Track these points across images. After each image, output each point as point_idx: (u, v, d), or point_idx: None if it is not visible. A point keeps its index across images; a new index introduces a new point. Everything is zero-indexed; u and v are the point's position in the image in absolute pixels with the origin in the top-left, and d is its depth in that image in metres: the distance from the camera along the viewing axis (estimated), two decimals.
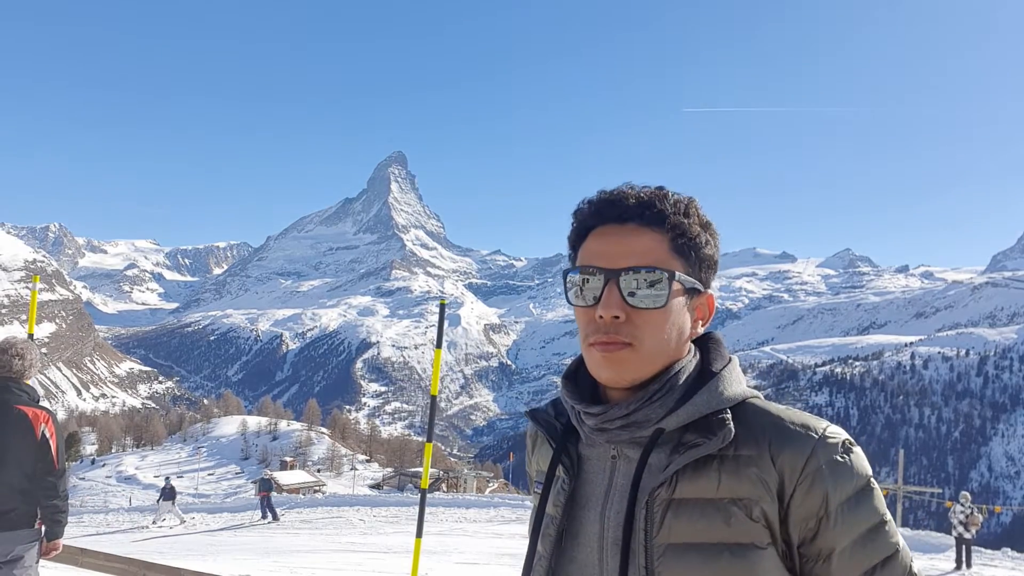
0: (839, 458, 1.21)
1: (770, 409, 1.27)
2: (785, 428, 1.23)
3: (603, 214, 1.28)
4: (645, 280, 1.23)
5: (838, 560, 1.21)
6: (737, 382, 1.30)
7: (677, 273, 1.26)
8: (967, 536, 16.10)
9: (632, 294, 1.23)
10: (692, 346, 1.34)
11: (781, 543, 1.21)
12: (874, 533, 1.21)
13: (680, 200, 1.29)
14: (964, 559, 16.03)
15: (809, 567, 1.22)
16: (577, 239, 1.33)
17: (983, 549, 18.53)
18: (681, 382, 1.28)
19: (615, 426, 1.27)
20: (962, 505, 16.52)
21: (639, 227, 1.26)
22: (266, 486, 24.81)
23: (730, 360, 1.33)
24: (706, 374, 1.30)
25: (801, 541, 1.21)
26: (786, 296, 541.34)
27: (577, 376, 1.38)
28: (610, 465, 1.31)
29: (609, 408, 1.27)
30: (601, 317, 1.23)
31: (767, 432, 1.23)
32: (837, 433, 1.24)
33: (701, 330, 1.34)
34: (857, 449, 1.25)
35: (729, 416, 1.24)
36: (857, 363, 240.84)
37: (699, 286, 1.30)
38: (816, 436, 1.22)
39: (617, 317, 1.22)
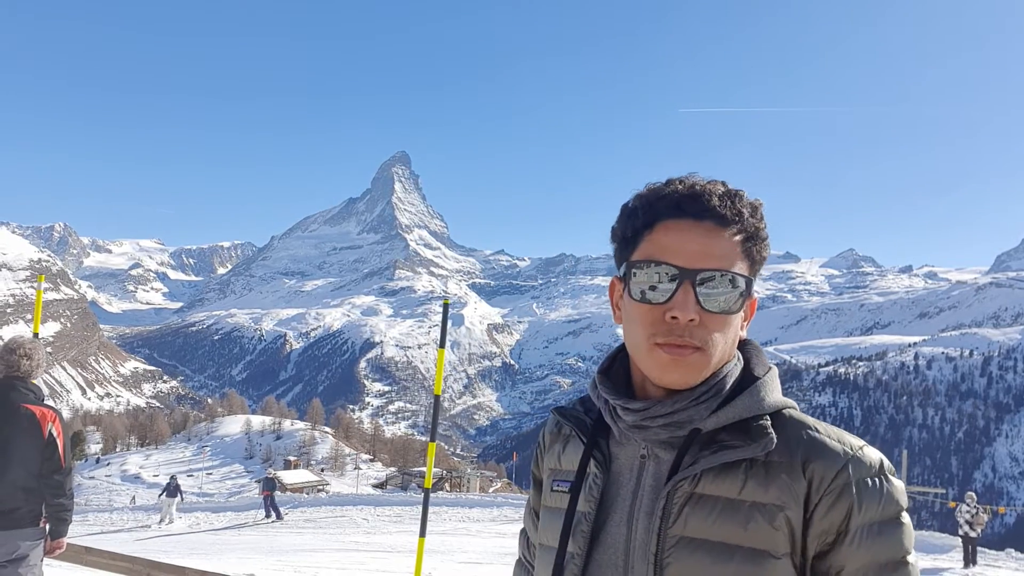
0: (871, 480, 1.19)
1: (807, 420, 1.25)
2: (820, 440, 1.21)
3: (682, 207, 1.22)
4: (723, 284, 1.20)
5: None
6: (777, 390, 1.29)
7: (753, 280, 1.25)
8: (972, 535, 16.38)
9: (709, 298, 1.20)
10: (736, 350, 1.33)
11: (799, 555, 1.19)
12: (890, 570, 1.17)
13: (752, 201, 1.26)
14: (970, 558, 16.28)
15: None
16: (642, 228, 1.26)
17: (987, 550, 18.47)
18: (728, 386, 1.26)
19: (656, 424, 1.24)
20: (968, 505, 16.81)
21: (716, 227, 1.22)
22: (269, 485, 24.90)
23: (770, 368, 1.32)
24: (747, 379, 1.28)
25: (816, 554, 1.19)
26: (789, 296, 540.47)
27: (609, 372, 1.37)
28: (639, 465, 1.28)
29: (652, 405, 1.25)
30: (675, 318, 1.19)
31: (801, 442, 1.21)
32: (874, 455, 1.22)
33: (744, 332, 1.32)
34: (895, 479, 1.21)
35: (769, 423, 1.22)
36: (861, 363, 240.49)
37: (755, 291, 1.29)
38: (851, 452, 1.20)
39: (693, 320, 1.19)
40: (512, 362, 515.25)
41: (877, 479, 1.19)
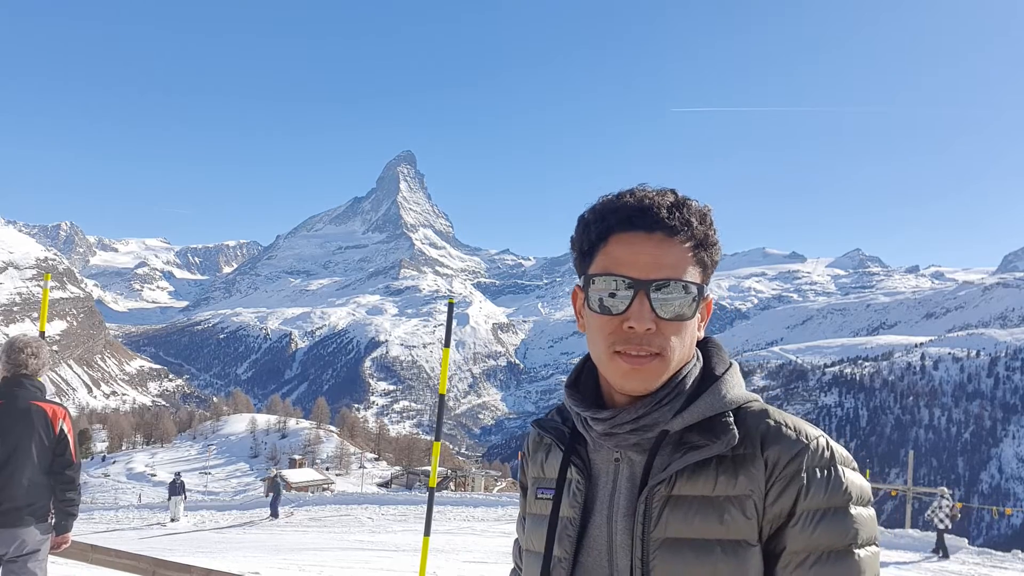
0: (821, 469, 1.23)
1: (768, 411, 1.30)
2: (779, 429, 1.26)
3: (633, 221, 1.27)
4: (676, 292, 1.25)
5: (781, 563, 1.23)
6: (739, 386, 1.33)
7: (705, 287, 1.30)
8: (949, 527, 17.58)
9: (663, 305, 1.24)
10: (696, 349, 1.37)
11: (758, 538, 1.24)
12: (833, 559, 1.21)
13: (700, 209, 1.30)
14: (945, 550, 17.17)
15: (768, 565, 1.25)
16: (597, 241, 1.31)
17: (993, 551, 18.39)
18: (688, 386, 1.31)
19: (624, 430, 1.29)
20: (948, 500, 17.96)
21: (667, 237, 1.26)
22: (271, 486, 25.08)
23: (731, 365, 1.36)
24: (708, 377, 1.33)
25: (767, 537, 1.24)
26: (795, 296, 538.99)
27: (578, 383, 1.42)
28: (613, 468, 1.33)
29: (618, 413, 1.29)
30: (631, 328, 1.24)
31: (761, 432, 1.26)
32: (828, 446, 1.26)
33: (701, 333, 1.36)
34: (850, 472, 1.26)
35: (732, 420, 1.27)
36: (867, 363, 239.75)
37: (709, 293, 1.33)
38: (806, 442, 1.24)
39: (649, 329, 1.23)
40: (517, 361, 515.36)
41: (828, 469, 1.23)
